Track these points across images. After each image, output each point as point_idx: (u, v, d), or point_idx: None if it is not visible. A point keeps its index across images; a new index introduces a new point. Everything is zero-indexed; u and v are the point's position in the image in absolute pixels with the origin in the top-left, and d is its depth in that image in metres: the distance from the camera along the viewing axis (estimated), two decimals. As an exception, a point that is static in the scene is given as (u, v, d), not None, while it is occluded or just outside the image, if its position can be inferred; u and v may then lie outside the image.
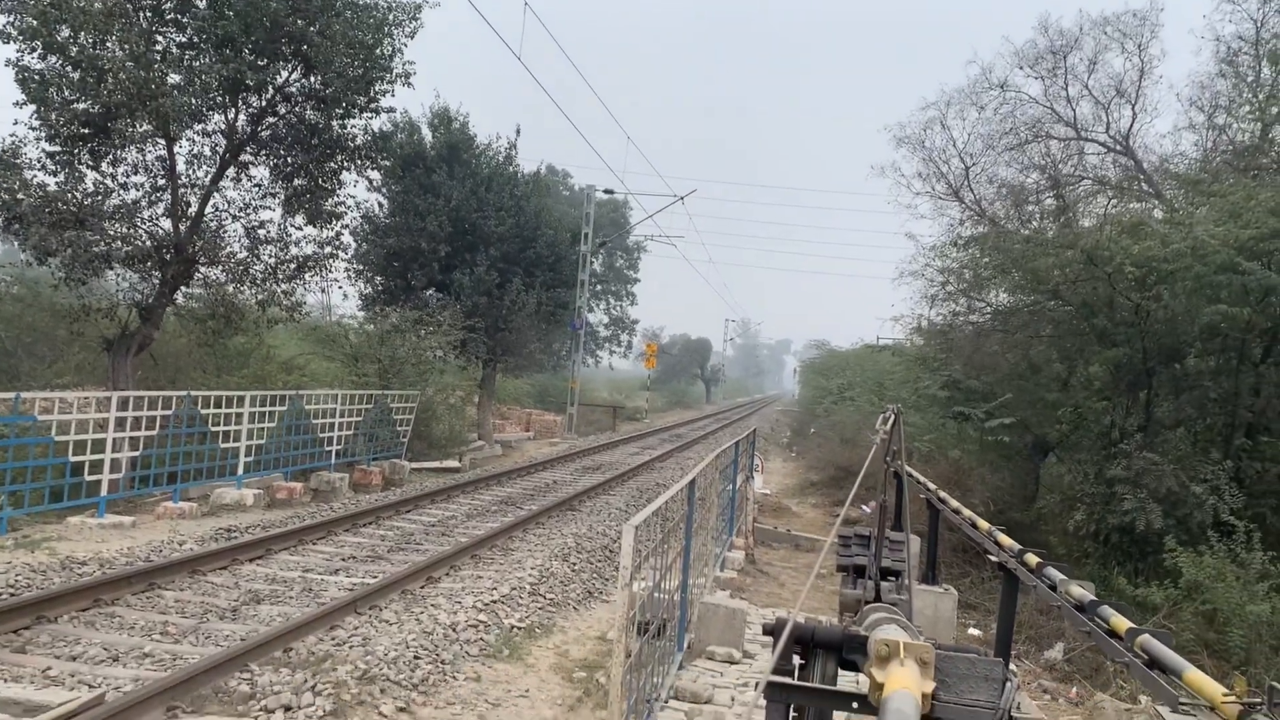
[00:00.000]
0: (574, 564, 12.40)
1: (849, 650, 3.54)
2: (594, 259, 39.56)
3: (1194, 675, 3.42)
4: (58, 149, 14.45)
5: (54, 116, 13.99)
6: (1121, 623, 4.21)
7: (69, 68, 13.98)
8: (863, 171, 25.32)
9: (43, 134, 14.22)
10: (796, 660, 3.69)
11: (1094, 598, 4.80)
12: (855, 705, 3.23)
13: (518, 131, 29.12)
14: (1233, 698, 3.13)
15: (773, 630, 3.71)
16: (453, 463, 22.64)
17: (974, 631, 11.93)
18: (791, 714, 3.83)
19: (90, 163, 14.93)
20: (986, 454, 18.08)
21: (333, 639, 8.13)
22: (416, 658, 7.84)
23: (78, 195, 14.58)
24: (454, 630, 8.72)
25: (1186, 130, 20.10)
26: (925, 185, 24.08)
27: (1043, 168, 21.62)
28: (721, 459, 12.17)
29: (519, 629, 9.35)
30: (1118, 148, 21.25)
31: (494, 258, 26.62)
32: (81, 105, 14.13)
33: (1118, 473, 13.61)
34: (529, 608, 10.08)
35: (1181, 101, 21.06)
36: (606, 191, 39.18)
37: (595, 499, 18.37)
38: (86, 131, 14.35)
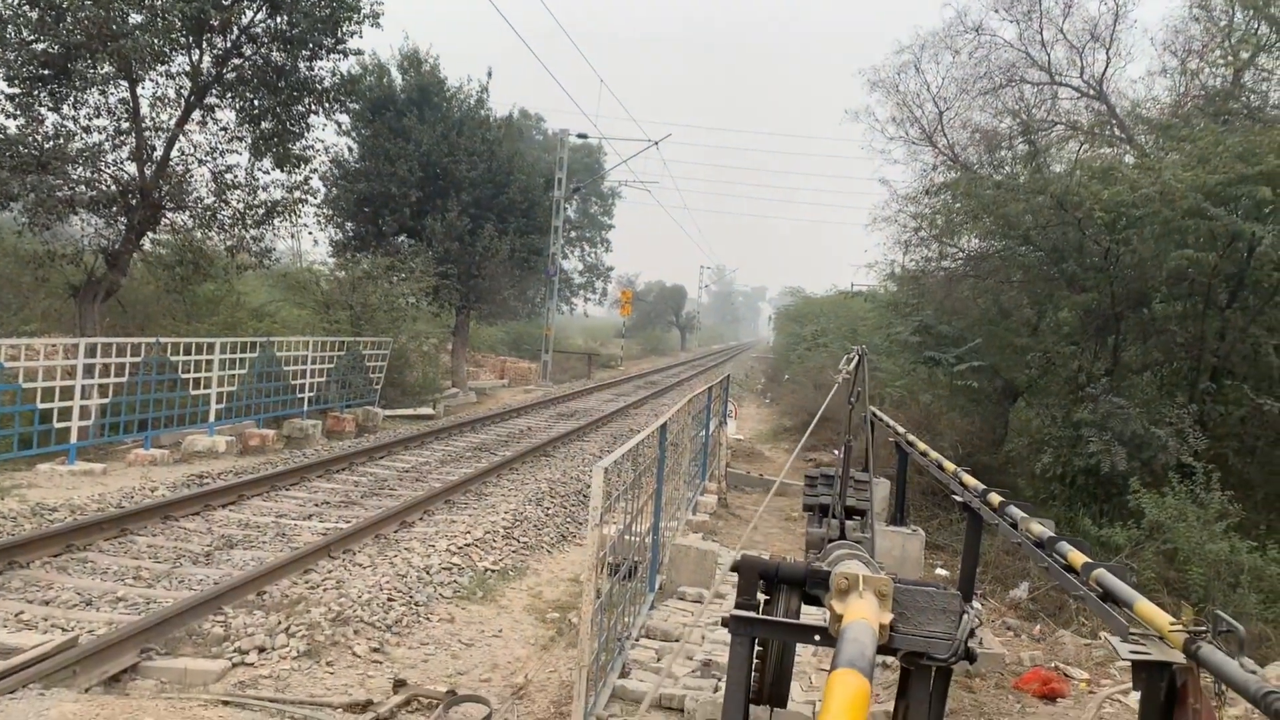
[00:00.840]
0: (547, 508, 12.50)
1: (812, 585, 3.62)
2: (568, 205, 39.28)
3: (1144, 606, 3.52)
4: (17, 91, 14.16)
5: (12, 57, 13.68)
6: (1078, 557, 4.31)
7: (26, 6, 13.64)
8: (838, 117, 25.15)
9: (1, 76, 13.89)
10: (763, 598, 3.78)
11: (1052, 534, 4.91)
12: (817, 637, 3.32)
13: (489, 75, 28.71)
14: (1179, 626, 3.23)
15: (738, 567, 3.79)
16: (426, 410, 22.65)
17: (941, 572, 12.16)
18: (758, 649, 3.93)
19: (51, 105, 14.64)
20: (956, 399, 18.25)
21: (306, 582, 8.19)
22: (390, 600, 7.93)
23: (39, 138, 14.32)
24: (427, 573, 8.80)
25: (1159, 75, 20.09)
26: (899, 130, 23.97)
27: (1016, 113, 21.55)
28: (694, 404, 12.25)
29: (492, 571, 9.45)
30: (1091, 92, 21.22)
31: (466, 203, 26.40)
32: (40, 45, 13.81)
33: (1084, 416, 13.81)
34: (502, 551, 10.17)
35: (1155, 46, 21.14)
36: (580, 136, 38.80)
37: (569, 445, 18.47)
38: (46, 73, 14.05)
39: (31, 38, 13.74)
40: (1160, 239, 13.64)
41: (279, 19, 16.17)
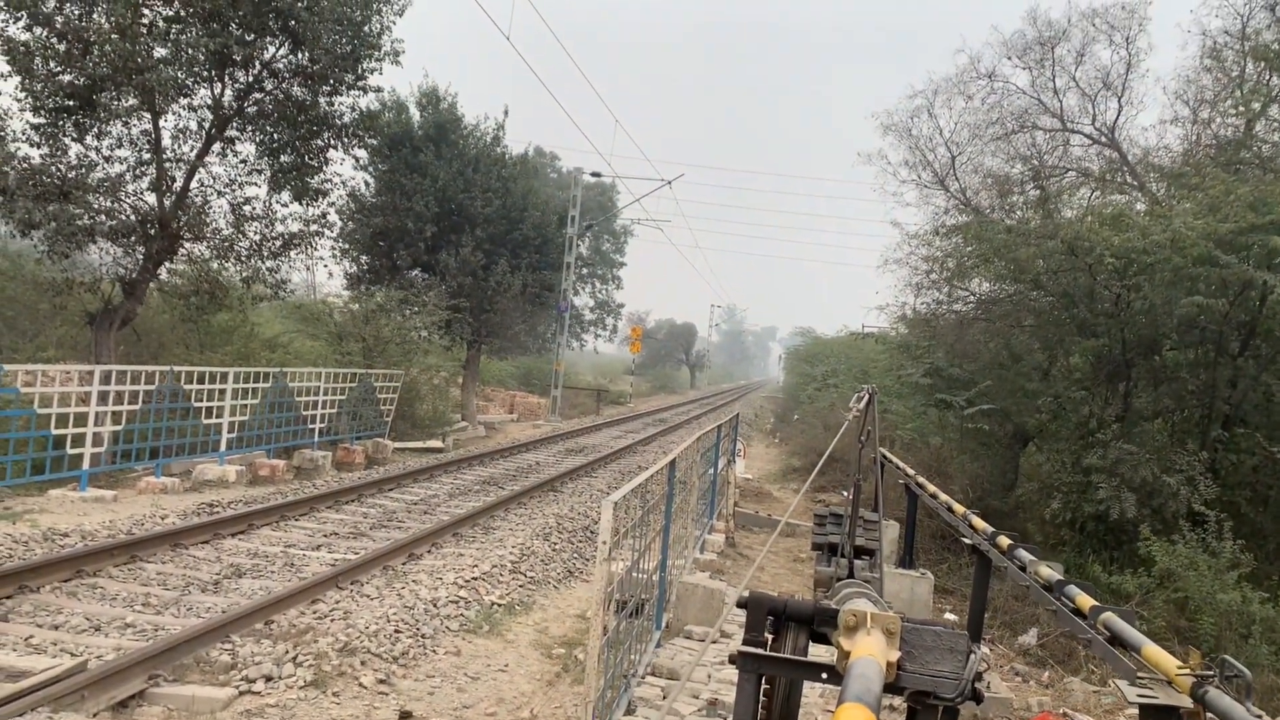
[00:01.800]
0: (555, 543, 12.50)
1: (820, 623, 3.64)
2: (580, 242, 39.56)
3: (1152, 650, 3.53)
4: (42, 121, 14.37)
5: (39, 88, 13.92)
6: (1086, 601, 4.32)
7: (54, 39, 13.89)
8: (850, 159, 25.45)
9: (27, 106, 14.13)
10: (770, 636, 3.79)
11: (1061, 578, 4.92)
12: (824, 675, 3.34)
13: (505, 112, 29.04)
14: (1187, 670, 3.24)
15: (746, 604, 3.81)
16: (436, 443, 22.69)
17: (950, 616, 12.09)
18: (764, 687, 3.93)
19: (75, 135, 14.87)
20: (967, 442, 18.21)
21: (314, 612, 8.20)
22: (397, 631, 7.93)
23: (62, 168, 14.53)
24: (435, 605, 8.81)
25: (1171, 124, 20.23)
26: (911, 173, 24.20)
27: (1028, 158, 21.73)
28: (703, 442, 12.27)
29: (499, 606, 9.45)
30: (1103, 139, 21.38)
31: (480, 239, 26.60)
32: (67, 77, 14.05)
33: (1094, 462, 13.76)
34: (509, 585, 10.17)
35: (1167, 95, 21.29)
36: (594, 174, 39.17)
37: (577, 480, 18.47)
38: (71, 104, 14.28)
39: (59, 69, 13.99)
40: (1171, 286, 13.66)
41: (300, 54, 16.43)
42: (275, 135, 17.10)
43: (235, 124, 16.67)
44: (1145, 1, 20.98)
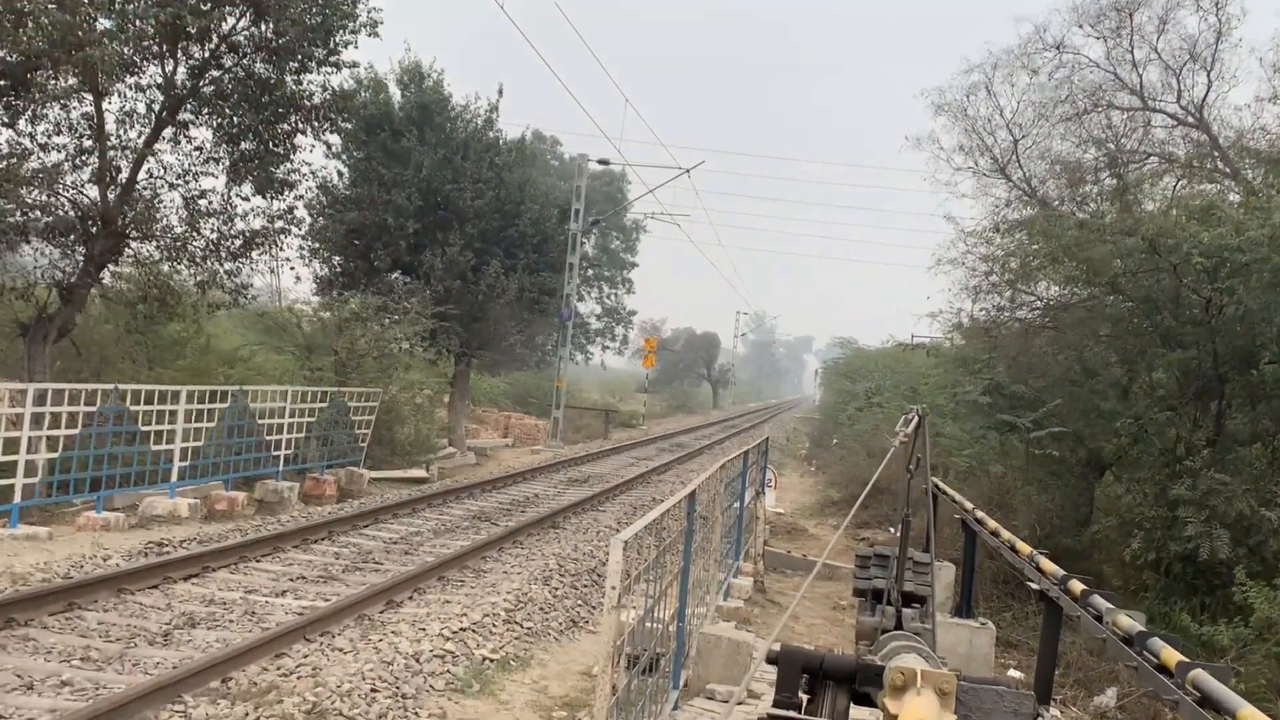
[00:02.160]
0: (556, 589, 12.49)
1: (863, 681, 3.64)
2: (585, 239, 39.67)
3: (1250, 713, 3.51)
4: (-32, 104, 14.53)
5: (-36, 66, 14.07)
6: (1172, 656, 4.30)
7: (-18, 9, 14.04)
8: (897, 143, 25.42)
9: (-50, 86, 14.29)
10: (805, 696, 3.78)
11: (1143, 629, 4.90)
12: (867, 742, 3.34)
13: (500, 92, 29.15)
14: (1290, 738, 3.22)
15: (776, 659, 3.81)
16: (419, 472, 22.73)
17: (1014, 673, 12.02)
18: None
19: (6, 120, 15.00)
20: (1033, 470, 18.14)
21: (278, 668, 8.22)
22: (374, 690, 7.94)
23: (-10, 157, 14.66)
24: (417, 661, 8.82)
25: (1270, 101, 20.19)
26: (967, 160, 24.18)
27: (1102, 142, 21.71)
28: (728, 471, 12.25)
29: (491, 661, 9.44)
30: (1190, 120, 21.33)
31: (470, 236, 26.70)
32: (-2, 53, 14.20)
33: (1182, 493, 13.69)
34: (503, 637, 10.17)
35: (1264, 68, 21.02)
36: (601, 162, 39.29)
37: (582, 515, 18.47)
38: (2, 83, 14.40)
39: (-12, 45, 14.13)
40: (1271, 289, 13.60)
41: (264, 26, 16.54)
42: (235, 119, 17.20)
43: (189, 106, 16.79)
44: (1236, -41, 20.96)
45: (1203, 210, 14.82)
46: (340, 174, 26.98)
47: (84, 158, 15.91)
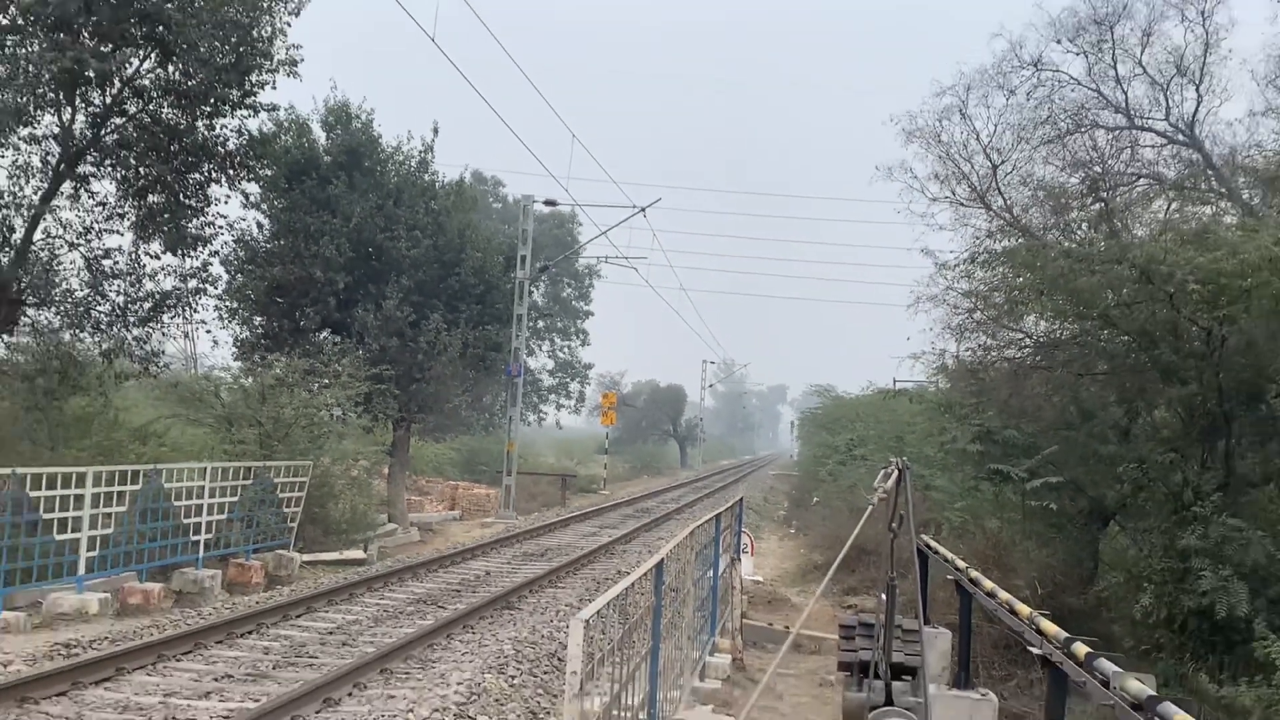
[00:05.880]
0: (513, 677, 12.39)
1: (850, 766, 3.65)
2: (534, 287, 39.80)
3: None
4: None
5: None
6: (1186, 723, 4.34)
7: None
8: (868, 174, 25.67)
9: None
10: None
11: (1153, 693, 4.93)
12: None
13: (435, 130, 29.34)
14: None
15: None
16: (356, 553, 22.51)
17: (1021, 748, 12.04)
18: None
19: (-115, 178, 14.92)
20: (1031, 524, 18.24)
21: (203, 781, 8.07)
22: (312, 801, 7.82)
23: None
24: (360, 765, 8.70)
25: (1263, 115, 20.67)
26: (943, 189, 24.44)
27: (1087, 164, 22.07)
28: (698, 537, 12.24)
29: (443, 761, 9.33)
30: (1180, 137, 21.78)
31: (407, 288, 26.69)
32: (-127, 106, 14.14)
33: (1192, 543, 13.80)
34: (456, 734, 10.06)
35: (1256, 80, 21.57)
36: (548, 203, 39.48)
37: (540, 594, 18.35)
38: (-121, 139, 14.34)
39: None
40: (1273, 315, 13.84)
41: (171, 68, 16.56)
42: (141, 169, 17.17)
43: (90, 157, 16.75)
44: (1222, -33, 21.53)
45: (1196, 234, 15.11)
46: (260, 226, 26.95)
47: (-27, 218, 15.82)
